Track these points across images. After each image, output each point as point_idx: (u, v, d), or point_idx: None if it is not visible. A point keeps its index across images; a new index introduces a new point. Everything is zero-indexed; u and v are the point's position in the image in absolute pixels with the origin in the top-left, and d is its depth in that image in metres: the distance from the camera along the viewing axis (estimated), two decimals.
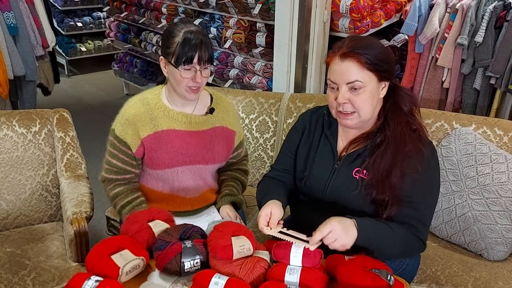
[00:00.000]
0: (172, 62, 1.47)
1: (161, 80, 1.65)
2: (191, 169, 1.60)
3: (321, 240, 1.20)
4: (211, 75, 3.43)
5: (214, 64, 3.41)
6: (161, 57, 1.53)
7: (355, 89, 1.28)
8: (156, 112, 1.56)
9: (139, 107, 1.56)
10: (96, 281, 1.08)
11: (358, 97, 1.29)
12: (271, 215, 1.31)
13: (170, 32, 1.49)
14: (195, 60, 1.45)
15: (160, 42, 1.57)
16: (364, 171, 1.35)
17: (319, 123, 1.48)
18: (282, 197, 1.42)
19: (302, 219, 1.52)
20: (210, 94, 1.68)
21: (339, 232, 1.19)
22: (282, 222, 1.32)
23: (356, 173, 1.36)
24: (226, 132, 1.66)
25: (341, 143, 1.44)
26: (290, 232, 1.26)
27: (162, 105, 1.57)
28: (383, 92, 1.34)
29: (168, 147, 1.56)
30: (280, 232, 1.26)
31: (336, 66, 1.30)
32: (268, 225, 1.29)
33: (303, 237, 1.24)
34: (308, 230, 1.40)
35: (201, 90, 1.55)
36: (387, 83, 1.34)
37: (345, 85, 1.29)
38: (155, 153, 1.55)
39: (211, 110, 1.62)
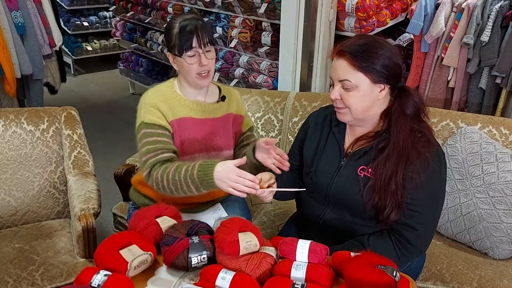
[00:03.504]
0: (176, 53, 1.52)
1: (169, 76, 1.68)
2: (208, 156, 1.62)
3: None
4: (216, 72, 3.44)
5: (219, 64, 3.43)
6: (168, 53, 1.59)
7: (346, 88, 1.31)
8: (173, 101, 1.58)
9: (157, 97, 1.58)
10: (105, 275, 1.09)
11: (349, 95, 1.31)
12: (261, 181, 1.36)
13: (168, 27, 1.55)
14: (195, 44, 1.49)
15: (164, 39, 1.61)
16: (369, 170, 1.36)
17: (327, 120, 1.51)
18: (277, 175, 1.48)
19: (307, 214, 1.53)
20: (218, 87, 1.72)
21: None
22: (273, 185, 1.38)
23: (361, 171, 1.37)
24: (236, 118, 1.70)
25: (348, 141, 1.45)
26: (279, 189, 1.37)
27: (177, 95, 1.60)
28: (381, 95, 1.33)
29: (186, 135, 1.58)
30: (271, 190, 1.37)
31: (333, 62, 1.35)
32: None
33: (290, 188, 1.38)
34: (312, 225, 1.42)
35: (211, 75, 1.57)
36: (386, 86, 1.32)
37: (337, 82, 1.32)
38: (175, 141, 1.57)
39: (222, 98, 1.66)
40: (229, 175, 1.29)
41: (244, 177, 1.29)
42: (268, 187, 1.37)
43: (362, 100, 1.31)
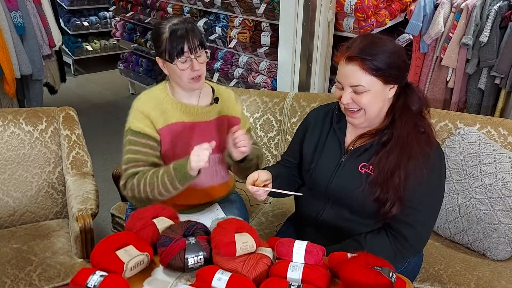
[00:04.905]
0: (166, 58, 1.51)
1: (160, 78, 1.67)
2: None
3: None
4: (211, 72, 3.44)
5: (219, 64, 3.43)
6: (157, 57, 1.57)
7: (359, 92, 1.30)
8: (165, 105, 1.58)
9: (149, 102, 1.58)
10: (101, 276, 1.09)
11: (361, 98, 1.31)
12: (258, 179, 1.40)
13: (157, 32, 1.53)
14: (186, 49, 1.48)
15: (152, 43, 1.59)
16: (370, 167, 1.36)
17: (328, 117, 1.51)
18: (275, 172, 1.49)
19: (306, 212, 1.53)
20: (212, 87, 1.71)
21: None
22: (269, 186, 1.41)
23: (362, 168, 1.38)
24: (231, 120, 1.69)
25: (349, 138, 1.45)
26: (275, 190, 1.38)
27: (170, 98, 1.60)
28: (391, 93, 1.35)
29: (179, 139, 1.58)
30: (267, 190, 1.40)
31: (341, 68, 1.33)
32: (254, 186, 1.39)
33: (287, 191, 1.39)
34: (311, 223, 1.43)
35: (203, 77, 1.57)
36: (395, 85, 1.34)
37: (348, 87, 1.32)
38: (167, 146, 1.57)
39: (215, 100, 1.65)
40: (195, 154, 1.41)
41: (200, 147, 1.41)
42: (264, 186, 1.37)
43: (374, 99, 1.32)
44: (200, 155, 1.40)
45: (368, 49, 1.28)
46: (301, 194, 1.45)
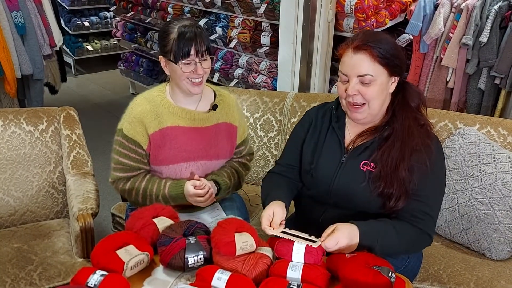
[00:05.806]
0: (171, 59, 1.50)
1: (163, 79, 1.67)
2: (195, 165, 1.61)
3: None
4: (212, 72, 3.44)
5: (219, 64, 3.43)
6: (161, 56, 1.57)
7: (365, 82, 1.31)
8: (161, 109, 1.58)
9: (145, 105, 1.58)
10: (101, 275, 1.10)
11: (368, 89, 1.32)
12: (274, 215, 1.32)
13: (165, 30, 1.52)
14: (192, 52, 1.48)
15: (158, 42, 1.61)
16: (372, 164, 1.37)
17: (326, 117, 1.51)
18: (285, 196, 1.43)
19: (306, 214, 1.53)
20: (214, 91, 1.70)
21: (344, 245, 1.23)
22: (284, 222, 1.33)
23: (364, 166, 1.38)
24: (229, 127, 1.68)
25: (349, 136, 1.46)
26: (292, 231, 1.27)
27: (167, 102, 1.59)
28: (392, 87, 1.37)
29: (173, 144, 1.57)
30: (283, 232, 1.27)
31: (348, 59, 1.33)
32: (270, 226, 1.30)
33: (305, 235, 1.25)
34: (312, 225, 1.41)
35: (204, 82, 1.57)
36: (396, 78, 1.36)
37: (355, 78, 1.32)
38: (160, 150, 1.57)
39: (214, 107, 1.64)
40: (192, 198, 1.54)
41: (200, 195, 1.53)
42: (280, 224, 1.32)
43: (380, 92, 1.33)
44: (199, 203, 1.56)
45: (374, 39, 1.32)
46: (315, 241, 1.24)
